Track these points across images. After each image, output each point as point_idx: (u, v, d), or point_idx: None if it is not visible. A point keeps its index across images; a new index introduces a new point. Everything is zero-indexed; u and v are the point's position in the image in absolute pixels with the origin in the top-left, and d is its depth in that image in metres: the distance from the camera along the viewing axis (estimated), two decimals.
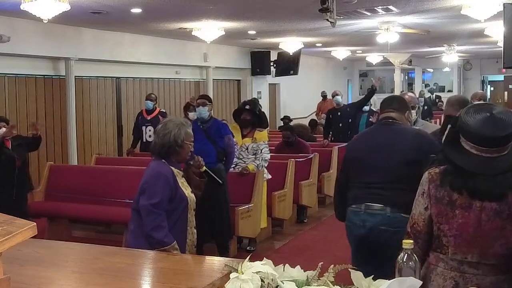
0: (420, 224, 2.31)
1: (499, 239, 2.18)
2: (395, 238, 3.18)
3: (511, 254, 2.22)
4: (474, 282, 2.18)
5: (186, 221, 3.39)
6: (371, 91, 9.58)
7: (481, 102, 2.50)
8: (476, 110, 2.23)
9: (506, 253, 2.21)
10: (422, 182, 2.33)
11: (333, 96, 10.04)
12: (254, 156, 6.43)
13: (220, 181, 4.10)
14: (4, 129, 5.95)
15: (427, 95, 17.56)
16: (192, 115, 7.72)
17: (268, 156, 6.52)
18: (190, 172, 3.61)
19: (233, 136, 6.07)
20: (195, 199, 3.47)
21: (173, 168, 3.38)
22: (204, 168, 3.66)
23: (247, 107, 6.48)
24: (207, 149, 5.52)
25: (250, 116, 6.41)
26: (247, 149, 6.35)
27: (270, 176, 6.69)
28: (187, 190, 3.42)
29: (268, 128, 12.38)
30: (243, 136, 6.41)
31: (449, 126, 2.29)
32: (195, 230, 3.49)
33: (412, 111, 3.99)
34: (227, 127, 6.00)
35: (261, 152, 6.40)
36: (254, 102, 6.85)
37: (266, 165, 6.51)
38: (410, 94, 4.97)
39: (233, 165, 6.22)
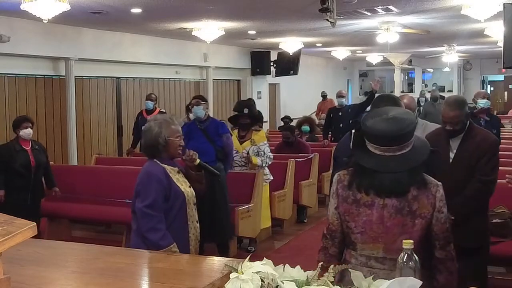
0: (334, 223, 2.44)
1: (402, 235, 2.27)
2: None
3: (415, 251, 2.28)
4: (380, 276, 2.23)
5: (185, 216, 3.35)
6: (371, 95, 9.19)
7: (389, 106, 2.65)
8: (376, 112, 2.37)
9: None
10: (333, 184, 2.46)
11: (337, 96, 9.96)
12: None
13: (217, 172, 4.10)
14: (29, 130, 5.99)
15: (428, 94, 17.51)
16: (191, 116, 7.73)
17: (271, 155, 6.55)
18: (186, 167, 3.57)
19: (231, 135, 6.07)
20: (194, 193, 3.43)
21: (165, 165, 3.35)
22: (198, 161, 3.60)
23: (246, 111, 6.38)
24: (205, 148, 5.52)
25: (250, 119, 6.39)
26: (248, 153, 6.32)
27: (272, 178, 6.68)
28: (184, 186, 3.38)
29: (268, 129, 12.45)
30: (242, 138, 6.37)
31: (353, 130, 2.41)
32: (197, 224, 3.44)
33: None
34: (225, 126, 6.00)
35: (264, 153, 6.37)
36: (251, 104, 6.80)
37: (270, 162, 6.51)
38: (410, 96, 4.97)
39: (240, 170, 6.26)
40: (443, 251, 2.35)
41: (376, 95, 6.73)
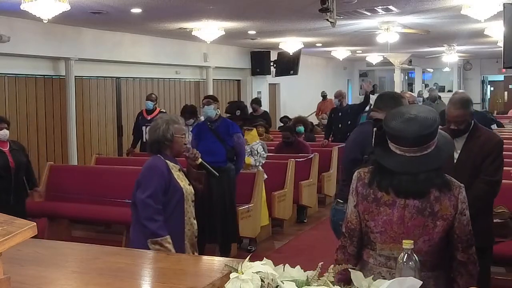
0: (353, 222, 2.38)
1: (422, 236, 2.24)
2: None
3: (435, 251, 2.29)
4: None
5: (183, 212, 3.47)
6: (366, 96, 9.37)
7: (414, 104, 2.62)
8: (398, 112, 2.30)
9: (429, 250, 2.27)
10: (352, 181, 2.41)
11: (335, 97, 9.98)
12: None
13: (217, 174, 4.13)
14: (5, 131, 5.90)
15: (426, 95, 17.47)
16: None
17: (265, 154, 6.61)
18: (188, 165, 3.69)
19: (243, 135, 6.08)
20: (192, 190, 3.55)
21: (168, 161, 3.47)
22: (200, 160, 3.74)
23: (238, 113, 6.42)
24: (216, 148, 5.54)
25: (242, 121, 6.43)
26: None
27: (266, 176, 6.70)
28: (183, 182, 3.50)
29: (270, 128, 12.44)
30: None
31: (374, 129, 2.38)
32: (194, 221, 3.55)
33: None
34: (236, 125, 5.95)
35: (257, 153, 6.43)
36: (243, 106, 6.79)
37: (263, 162, 6.58)
38: (409, 93, 5.01)
39: None
40: (465, 254, 2.32)
41: (376, 94, 6.78)
